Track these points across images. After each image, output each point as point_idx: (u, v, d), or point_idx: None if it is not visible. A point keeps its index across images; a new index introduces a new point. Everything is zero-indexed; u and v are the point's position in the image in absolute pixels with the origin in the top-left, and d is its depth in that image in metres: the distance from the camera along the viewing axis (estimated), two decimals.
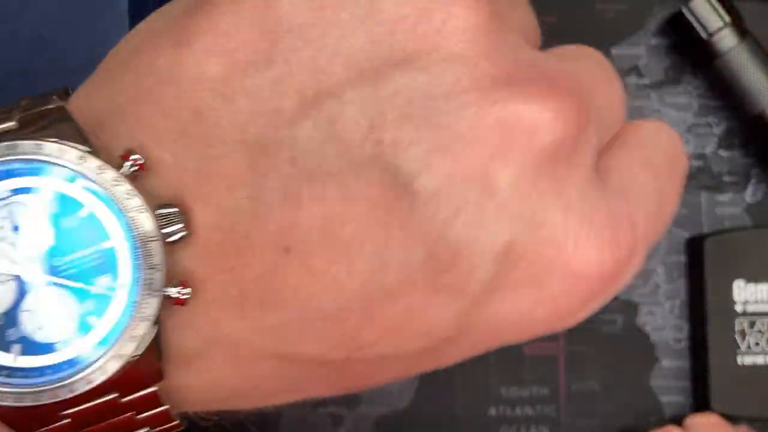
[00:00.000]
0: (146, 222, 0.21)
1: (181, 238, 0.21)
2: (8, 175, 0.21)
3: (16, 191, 0.21)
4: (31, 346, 0.21)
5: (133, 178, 0.21)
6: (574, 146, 0.22)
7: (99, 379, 0.21)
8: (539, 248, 0.21)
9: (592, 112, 0.22)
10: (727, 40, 0.41)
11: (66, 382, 0.21)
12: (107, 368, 0.21)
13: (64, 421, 0.22)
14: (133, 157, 0.21)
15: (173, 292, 0.21)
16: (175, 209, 0.21)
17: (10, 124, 0.22)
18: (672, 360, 0.43)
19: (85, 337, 0.21)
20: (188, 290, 0.21)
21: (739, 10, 0.42)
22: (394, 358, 0.23)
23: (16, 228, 0.21)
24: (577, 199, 0.22)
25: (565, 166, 0.21)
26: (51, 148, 0.21)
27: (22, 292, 0.21)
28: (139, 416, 0.22)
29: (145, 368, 0.22)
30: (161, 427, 0.23)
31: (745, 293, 0.41)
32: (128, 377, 0.21)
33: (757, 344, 0.41)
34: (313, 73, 0.21)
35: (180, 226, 0.21)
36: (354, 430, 0.43)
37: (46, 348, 0.21)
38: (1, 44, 0.36)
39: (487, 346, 0.23)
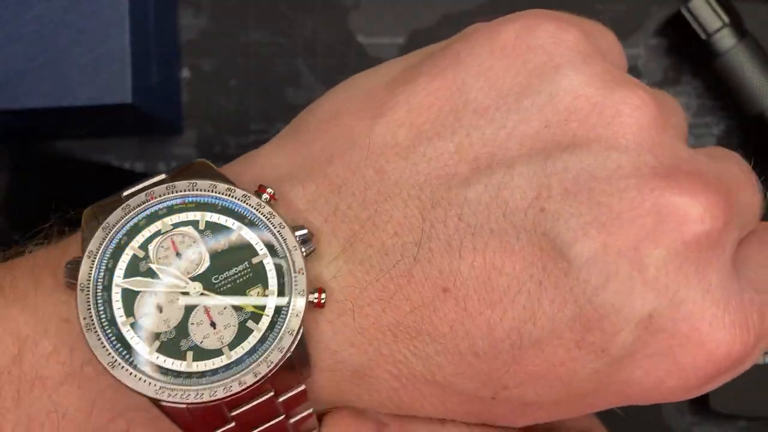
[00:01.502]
0: (288, 235, 0.25)
1: (311, 251, 0.25)
2: (170, 212, 0.26)
3: (177, 225, 0.26)
4: (201, 353, 0.25)
5: (272, 207, 0.26)
6: (718, 238, 0.24)
7: (263, 370, 0.25)
8: (677, 323, 0.24)
9: (735, 210, 0.26)
10: (726, 40, 0.41)
11: (236, 376, 0.25)
12: (270, 359, 0.25)
13: (230, 425, 0.25)
14: (268, 190, 0.26)
15: (313, 297, 0.25)
16: (306, 231, 0.25)
17: (161, 176, 0.26)
18: None
19: (247, 339, 0.25)
20: (324, 295, 0.25)
21: (738, 11, 0.42)
22: (533, 405, 0.26)
23: (178, 254, 0.25)
24: (716, 285, 0.24)
25: (709, 254, 0.24)
26: (203, 185, 0.26)
27: (188, 308, 0.25)
28: (289, 421, 0.26)
29: (298, 366, 0.25)
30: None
31: None
32: (284, 374, 0.25)
33: None
34: (490, 147, 0.25)
35: (313, 246, 0.25)
36: None
37: (215, 353, 0.25)
38: (1, 44, 0.36)
39: (614, 404, 0.26)
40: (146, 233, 0.26)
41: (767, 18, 0.43)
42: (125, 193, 0.26)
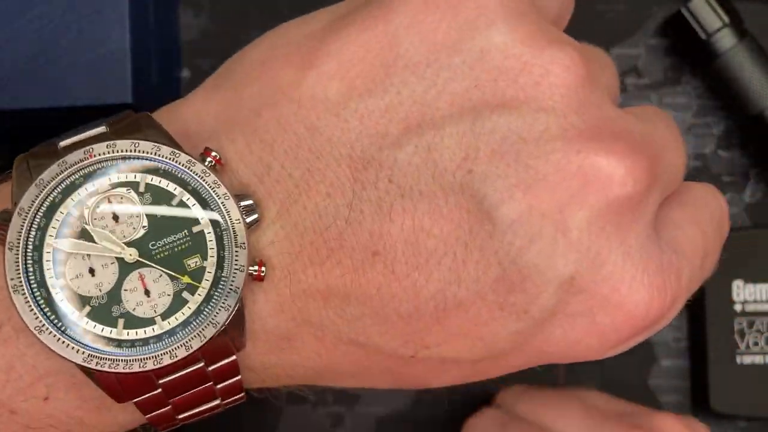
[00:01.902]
0: (232, 207, 0.24)
1: (254, 222, 0.24)
2: (106, 171, 0.24)
3: (115, 185, 0.24)
4: (134, 320, 0.24)
5: (216, 172, 0.25)
6: (641, 200, 0.25)
7: (196, 344, 0.24)
8: (598, 285, 0.25)
9: (659, 172, 0.25)
10: (726, 40, 0.41)
11: (168, 349, 0.24)
12: (204, 334, 0.24)
13: (156, 391, 0.25)
14: (212, 154, 0.25)
15: (254, 270, 0.24)
16: (251, 201, 0.24)
17: (100, 129, 0.25)
18: (671, 359, 0.43)
19: (181, 310, 0.24)
20: (264, 268, 0.24)
21: (738, 11, 0.42)
22: (452, 363, 0.26)
23: (115, 217, 0.24)
24: (636, 247, 0.25)
25: (630, 216, 0.25)
26: (146, 146, 0.24)
27: (122, 274, 0.24)
28: (216, 386, 0.26)
29: (231, 339, 0.25)
30: (229, 399, 0.26)
31: (744, 293, 0.41)
32: (217, 346, 0.24)
33: (756, 344, 0.41)
34: (420, 106, 0.24)
35: (255, 216, 0.25)
36: (354, 430, 0.43)
37: (148, 322, 0.24)
38: (1, 44, 0.36)
39: (533, 363, 0.27)
40: (82, 192, 0.24)
41: (767, 18, 0.43)
42: (62, 144, 0.25)
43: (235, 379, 0.26)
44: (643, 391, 0.43)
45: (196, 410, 0.26)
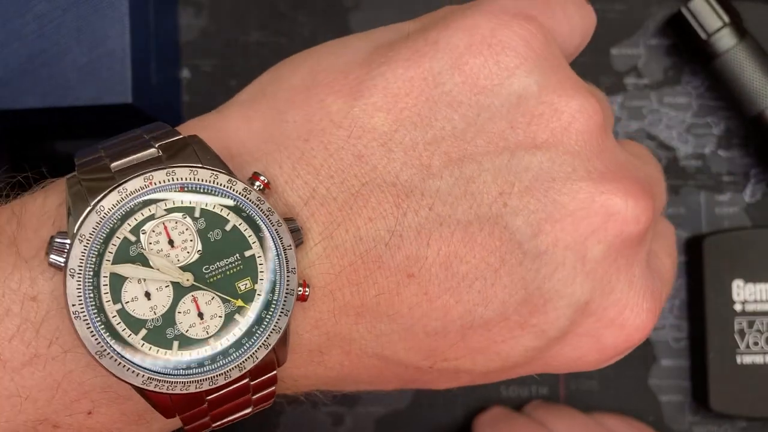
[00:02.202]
0: (284, 234, 0.25)
1: (300, 244, 0.26)
2: (164, 197, 0.25)
3: (171, 210, 0.25)
4: (188, 342, 0.25)
5: (264, 195, 0.26)
6: (644, 236, 0.28)
7: (249, 365, 0.25)
8: (607, 309, 0.28)
9: (658, 209, 0.29)
10: (726, 40, 0.41)
11: (223, 370, 0.25)
12: (257, 355, 0.25)
13: (202, 406, 0.26)
14: (261, 178, 0.26)
15: (298, 290, 0.25)
16: (297, 225, 0.26)
17: (151, 151, 0.26)
18: (671, 359, 0.43)
19: (232, 331, 0.25)
20: (308, 289, 0.26)
21: (738, 11, 0.42)
22: (465, 373, 0.28)
23: (170, 242, 0.25)
24: (639, 277, 0.28)
25: (636, 249, 0.28)
26: (204, 174, 0.25)
27: (177, 297, 0.25)
28: (252, 397, 0.27)
29: (276, 355, 0.26)
30: (259, 406, 0.27)
31: (744, 293, 0.41)
32: (264, 363, 0.26)
33: (756, 344, 0.41)
34: (461, 142, 0.27)
35: (301, 239, 0.26)
36: (354, 430, 0.43)
37: (201, 343, 0.25)
38: (1, 44, 0.36)
39: (536, 372, 0.29)
40: (139, 216, 0.25)
41: (767, 18, 0.43)
42: (115, 166, 0.25)
43: (270, 389, 0.27)
44: (643, 391, 0.43)
45: (231, 417, 0.27)
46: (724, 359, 0.41)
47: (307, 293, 0.26)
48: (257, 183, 0.26)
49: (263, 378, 0.26)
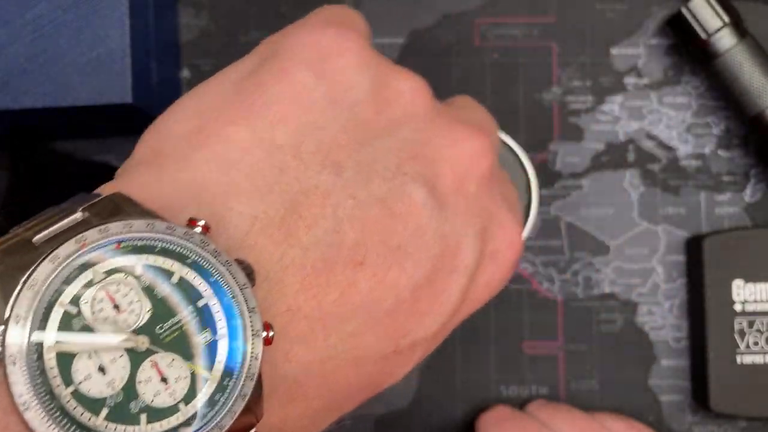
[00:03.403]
0: (237, 273, 0.24)
1: (253, 279, 0.24)
2: (100, 258, 0.23)
3: (110, 272, 0.23)
4: (156, 413, 0.23)
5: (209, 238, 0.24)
6: (496, 164, 0.32)
7: (228, 423, 0.23)
8: (495, 230, 0.31)
9: (494, 143, 0.33)
10: (726, 40, 0.41)
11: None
12: (234, 409, 0.23)
13: None
14: (199, 222, 0.24)
15: (263, 334, 0.24)
16: (247, 263, 0.24)
17: (75, 216, 0.23)
18: (671, 359, 0.43)
19: (203, 389, 0.23)
20: (272, 332, 0.24)
21: (738, 11, 0.42)
22: (420, 344, 0.29)
23: (116, 306, 0.23)
24: (506, 197, 0.32)
25: (497, 177, 0.32)
26: (139, 225, 0.23)
27: (134, 365, 0.23)
28: None
29: (253, 407, 0.24)
30: None
31: (744, 293, 0.41)
32: (244, 416, 0.24)
33: (756, 344, 0.41)
34: (352, 133, 0.28)
35: (253, 274, 0.24)
36: (354, 430, 0.43)
37: (171, 411, 0.23)
38: (1, 44, 0.36)
39: (468, 312, 0.31)
40: (77, 285, 0.22)
41: (767, 18, 0.43)
42: (38, 239, 0.23)
43: None
44: (643, 391, 0.43)
45: None
46: (724, 359, 0.41)
47: (271, 335, 0.24)
48: (196, 228, 0.24)
49: None
